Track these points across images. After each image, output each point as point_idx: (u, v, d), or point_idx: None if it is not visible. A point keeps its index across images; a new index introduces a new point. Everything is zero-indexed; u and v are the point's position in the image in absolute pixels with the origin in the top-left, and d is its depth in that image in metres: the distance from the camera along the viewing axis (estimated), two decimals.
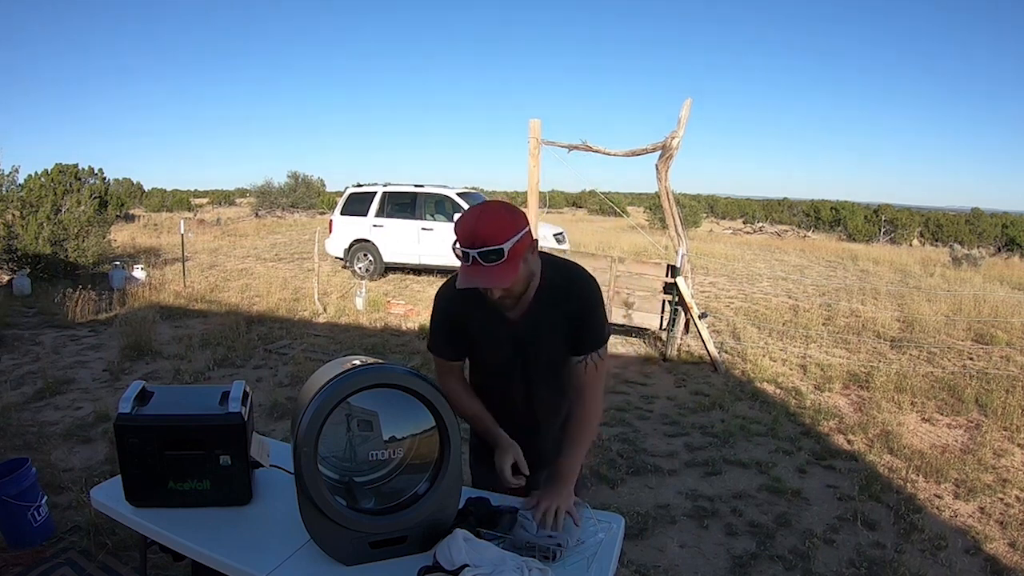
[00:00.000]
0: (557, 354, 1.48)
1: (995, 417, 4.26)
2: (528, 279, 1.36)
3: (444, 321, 1.48)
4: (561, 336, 1.45)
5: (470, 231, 1.24)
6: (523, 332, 1.44)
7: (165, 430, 1.44)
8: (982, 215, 25.71)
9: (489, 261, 1.23)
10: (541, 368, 1.50)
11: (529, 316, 1.43)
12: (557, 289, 1.42)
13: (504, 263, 1.24)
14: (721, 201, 42.29)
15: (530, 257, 1.34)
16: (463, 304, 1.42)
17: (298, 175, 25.74)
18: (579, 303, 1.43)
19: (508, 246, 1.23)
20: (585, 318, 1.44)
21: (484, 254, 1.23)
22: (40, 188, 8.83)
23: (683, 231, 5.79)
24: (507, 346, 1.46)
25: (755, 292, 9.34)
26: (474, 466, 1.71)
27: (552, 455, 1.49)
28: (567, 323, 1.43)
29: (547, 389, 1.54)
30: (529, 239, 1.30)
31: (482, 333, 1.46)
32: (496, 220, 1.25)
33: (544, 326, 1.43)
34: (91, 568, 2.33)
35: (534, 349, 1.47)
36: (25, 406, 4.02)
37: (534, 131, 5.76)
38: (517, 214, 1.30)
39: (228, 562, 1.28)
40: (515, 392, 1.53)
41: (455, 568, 1.18)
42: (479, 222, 1.25)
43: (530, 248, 1.32)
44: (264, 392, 4.35)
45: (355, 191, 9.85)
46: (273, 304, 7.24)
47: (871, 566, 2.56)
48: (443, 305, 1.48)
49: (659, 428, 4.00)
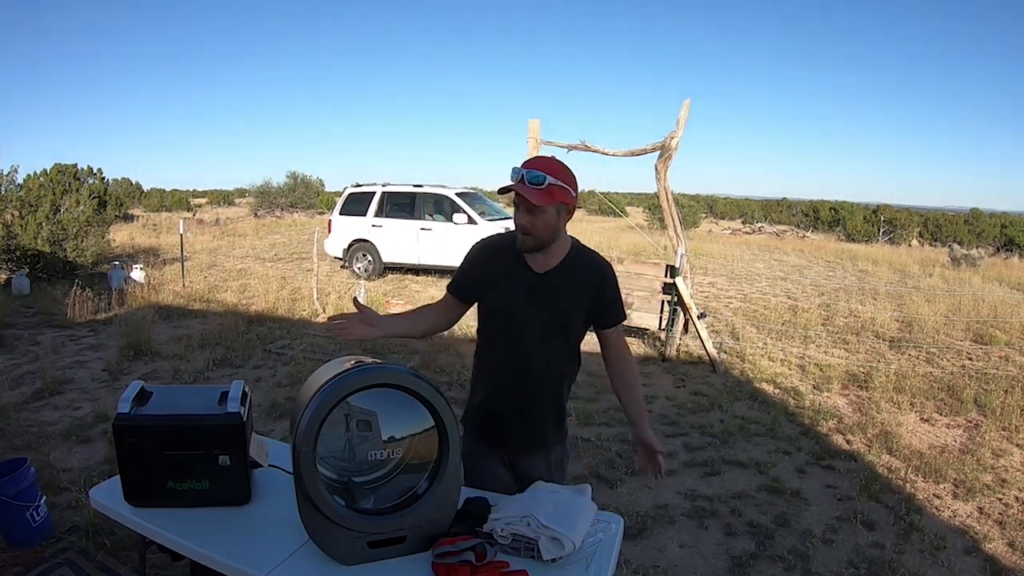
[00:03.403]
0: (570, 318, 1.62)
1: (994, 417, 4.27)
2: (554, 231, 1.55)
3: (472, 266, 1.68)
4: (581, 303, 1.62)
5: (531, 161, 1.54)
6: (544, 288, 1.60)
7: (164, 430, 1.44)
8: (981, 215, 25.75)
9: (532, 184, 1.49)
10: (551, 327, 1.61)
11: (554, 273, 1.61)
12: (584, 261, 1.64)
13: (541, 190, 1.48)
14: (720, 201, 42.33)
15: (563, 215, 1.55)
16: (495, 251, 1.66)
17: (297, 175, 25.72)
18: (605, 277, 1.65)
19: (549, 180, 1.49)
20: (612, 293, 1.66)
21: (531, 176, 1.49)
22: (39, 188, 8.82)
23: (682, 231, 5.80)
24: (523, 295, 1.60)
25: (754, 292, 9.34)
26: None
27: (544, 424, 1.68)
28: (591, 294, 1.62)
29: (549, 350, 1.63)
30: (568, 198, 1.53)
31: (504, 277, 1.62)
32: (552, 164, 1.54)
33: (566, 288, 1.60)
34: (90, 568, 2.33)
35: (550, 305, 1.60)
36: (24, 406, 4.02)
37: (533, 131, 5.76)
38: (572, 176, 1.55)
39: (227, 562, 1.28)
40: (518, 347, 1.62)
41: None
42: (540, 159, 1.56)
43: (566, 205, 1.54)
44: (263, 392, 4.34)
45: (354, 191, 9.84)
46: (272, 304, 7.23)
47: (870, 566, 2.56)
48: (475, 252, 1.70)
49: (658, 428, 4.00)
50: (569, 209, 1.56)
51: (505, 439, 1.69)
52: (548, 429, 1.70)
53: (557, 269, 1.60)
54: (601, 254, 1.71)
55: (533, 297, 1.60)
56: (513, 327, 1.62)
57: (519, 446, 1.70)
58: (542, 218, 1.51)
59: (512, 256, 1.61)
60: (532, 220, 1.52)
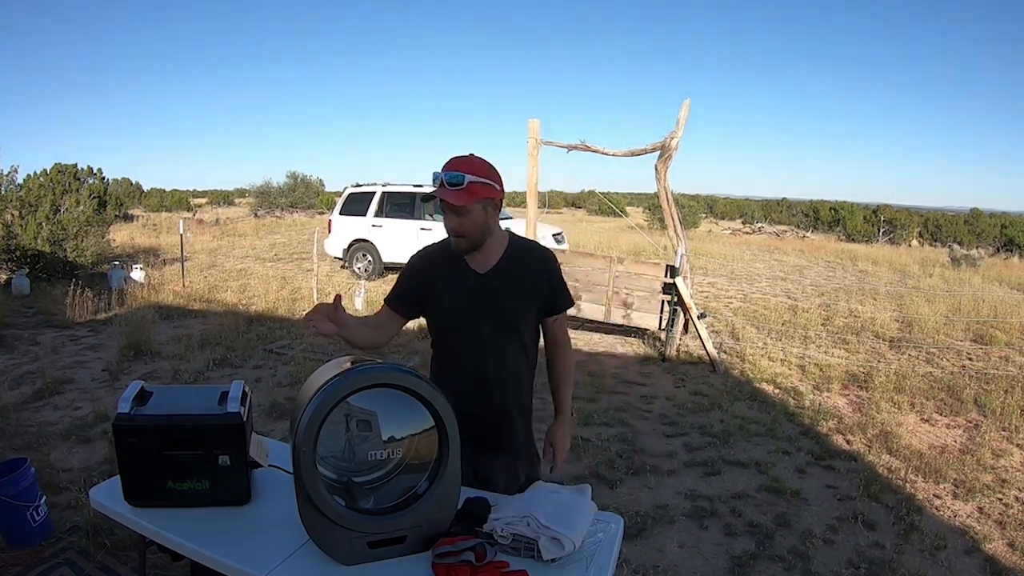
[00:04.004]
0: (520, 314, 1.63)
1: (994, 417, 4.27)
2: (484, 229, 1.54)
3: (410, 275, 1.66)
4: (526, 296, 1.63)
5: (449, 162, 1.52)
6: (487, 287, 1.59)
7: (164, 430, 1.44)
8: (981, 215, 25.75)
9: (451, 185, 1.48)
10: (501, 326, 1.61)
11: (495, 271, 1.60)
12: (523, 253, 1.65)
13: (461, 191, 1.47)
14: (720, 201, 42.33)
15: (490, 210, 1.54)
16: (432, 259, 1.65)
17: (297, 175, 25.71)
18: (547, 266, 1.67)
19: (468, 179, 1.48)
20: (555, 281, 1.67)
21: (449, 178, 1.48)
22: (39, 188, 8.83)
23: (682, 231, 5.80)
24: (465, 297, 1.59)
25: (754, 292, 9.34)
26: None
27: (510, 425, 1.67)
28: (535, 285, 1.64)
29: (503, 350, 1.62)
30: (492, 193, 1.52)
31: (444, 281, 1.61)
32: (470, 162, 1.52)
33: (511, 284, 1.61)
34: (90, 568, 2.33)
35: (497, 304, 1.60)
36: (24, 406, 4.02)
37: (533, 131, 5.76)
38: (492, 170, 1.53)
39: (227, 562, 1.28)
40: (471, 350, 1.61)
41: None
42: (458, 159, 1.53)
43: (491, 200, 1.53)
44: (263, 392, 4.34)
45: (354, 191, 9.84)
46: (272, 304, 7.23)
47: (870, 566, 2.56)
48: (413, 260, 1.68)
49: (658, 428, 4.00)
50: (496, 204, 1.55)
51: (470, 442, 1.57)
52: (516, 431, 1.69)
53: (498, 266, 1.60)
54: (540, 243, 1.74)
55: (478, 298, 1.59)
56: (463, 331, 1.61)
57: (483, 449, 1.63)
58: (469, 218, 1.50)
59: (450, 261, 1.60)
60: (460, 221, 1.51)
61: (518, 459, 1.71)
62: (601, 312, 6.10)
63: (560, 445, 1.73)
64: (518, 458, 1.71)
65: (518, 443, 1.70)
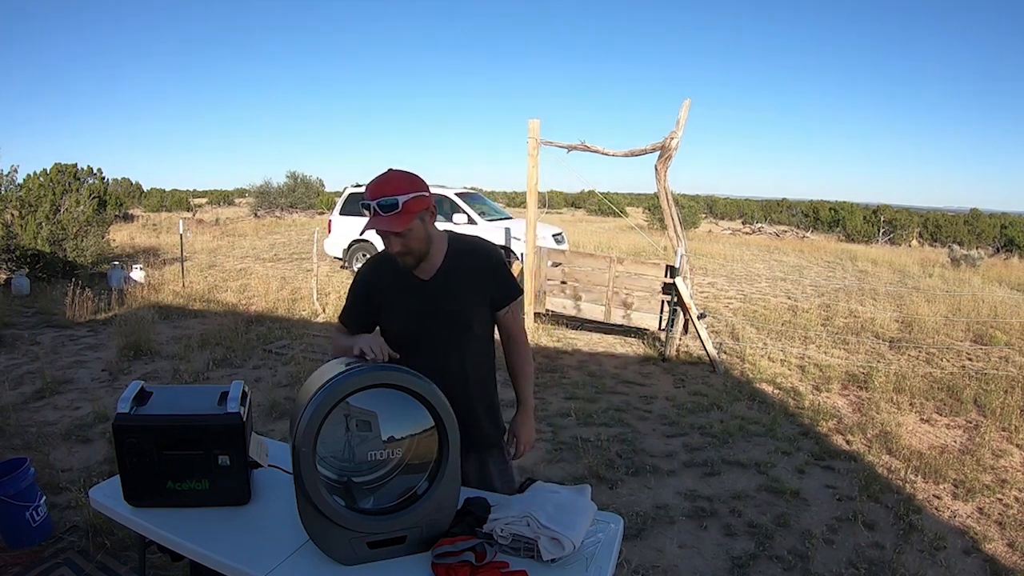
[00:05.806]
0: (472, 312, 1.63)
1: (994, 417, 4.27)
2: (427, 240, 1.54)
3: (359, 290, 1.67)
4: (474, 293, 1.63)
5: (373, 188, 1.47)
6: (436, 290, 1.60)
7: (164, 430, 1.44)
8: (981, 215, 25.74)
9: (386, 211, 1.45)
10: (455, 328, 1.62)
11: (440, 274, 1.60)
12: (464, 250, 1.64)
13: (398, 214, 1.45)
14: (720, 201, 42.32)
15: (428, 219, 1.53)
16: (378, 271, 1.65)
17: (297, 175, 25.69)
18: (489, 260, 1.65)
19: (403, 200, 1.45)
20: (498, 271, 1.66)
21: (382, 205, 1.45)
22: (39, 188, 8.82)
23: (682, 231, 5.79)
24: (416, 305, 1.60)
25: (754, 292, 9.34)
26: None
27: (477, 423, 1.65)
28: (480, 281, 1.63)
29: (461, 351, 1.62)
30: (425, 203, 1.50)
31: (392, 294, 1.62)
32: (394, 180, 1.48)
33: (458, 284, 1.61)
34: (89, 568, 2.33)
35: (447, 307, 1.60)
36: (24, 406, 4.02)
37: (533, 131, 5.76)
38: (416, 179, 1.51)
39: (226, 562, 1.28)
40: (429, 357, 1.57)
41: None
42: (381, 180, 1.49)
43: (427, 210, 1.52)
44: (263, 392, 4.34)
45: (354, 191, 9.83)
46: (272, 304, 7.23)
47: (870, 566, 2.56)
48: (360, 275, 1.69)
49: (658, 428, 4.00)
50: (431, 211, 1.54)
51: None
52: (484, 428, 1.69)
53: (442, 269, 1.60)
54: (481, 237, 1.72)
55: (428, 304, 1.59)
56: (419, 338, 1.59)
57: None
58: (412, 236, 1.49)
59: (394, 272, 1.60)
60: (404, 242, 1.50)
61: (488, 455, 1.72)
62: (601, 312, 6.11)
63: (524, 436, 1.78)
64: (488, 454, 1.72)
65: (486, 439, 1.71)
